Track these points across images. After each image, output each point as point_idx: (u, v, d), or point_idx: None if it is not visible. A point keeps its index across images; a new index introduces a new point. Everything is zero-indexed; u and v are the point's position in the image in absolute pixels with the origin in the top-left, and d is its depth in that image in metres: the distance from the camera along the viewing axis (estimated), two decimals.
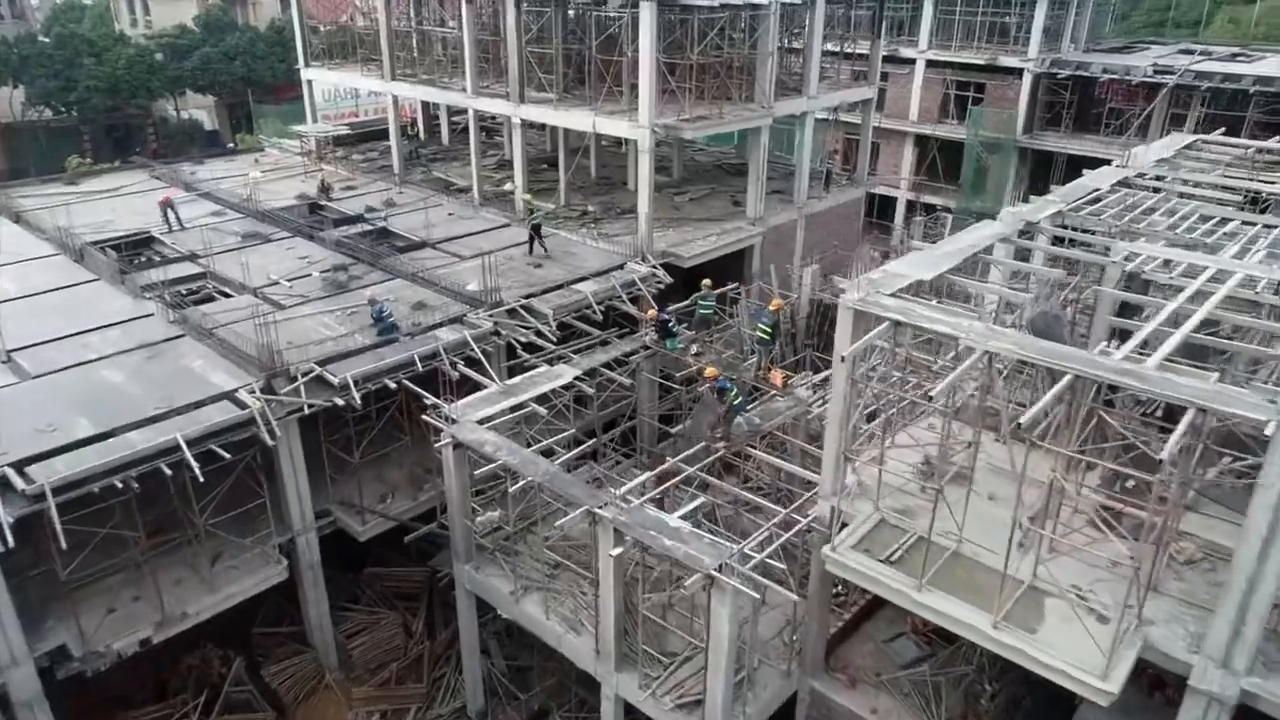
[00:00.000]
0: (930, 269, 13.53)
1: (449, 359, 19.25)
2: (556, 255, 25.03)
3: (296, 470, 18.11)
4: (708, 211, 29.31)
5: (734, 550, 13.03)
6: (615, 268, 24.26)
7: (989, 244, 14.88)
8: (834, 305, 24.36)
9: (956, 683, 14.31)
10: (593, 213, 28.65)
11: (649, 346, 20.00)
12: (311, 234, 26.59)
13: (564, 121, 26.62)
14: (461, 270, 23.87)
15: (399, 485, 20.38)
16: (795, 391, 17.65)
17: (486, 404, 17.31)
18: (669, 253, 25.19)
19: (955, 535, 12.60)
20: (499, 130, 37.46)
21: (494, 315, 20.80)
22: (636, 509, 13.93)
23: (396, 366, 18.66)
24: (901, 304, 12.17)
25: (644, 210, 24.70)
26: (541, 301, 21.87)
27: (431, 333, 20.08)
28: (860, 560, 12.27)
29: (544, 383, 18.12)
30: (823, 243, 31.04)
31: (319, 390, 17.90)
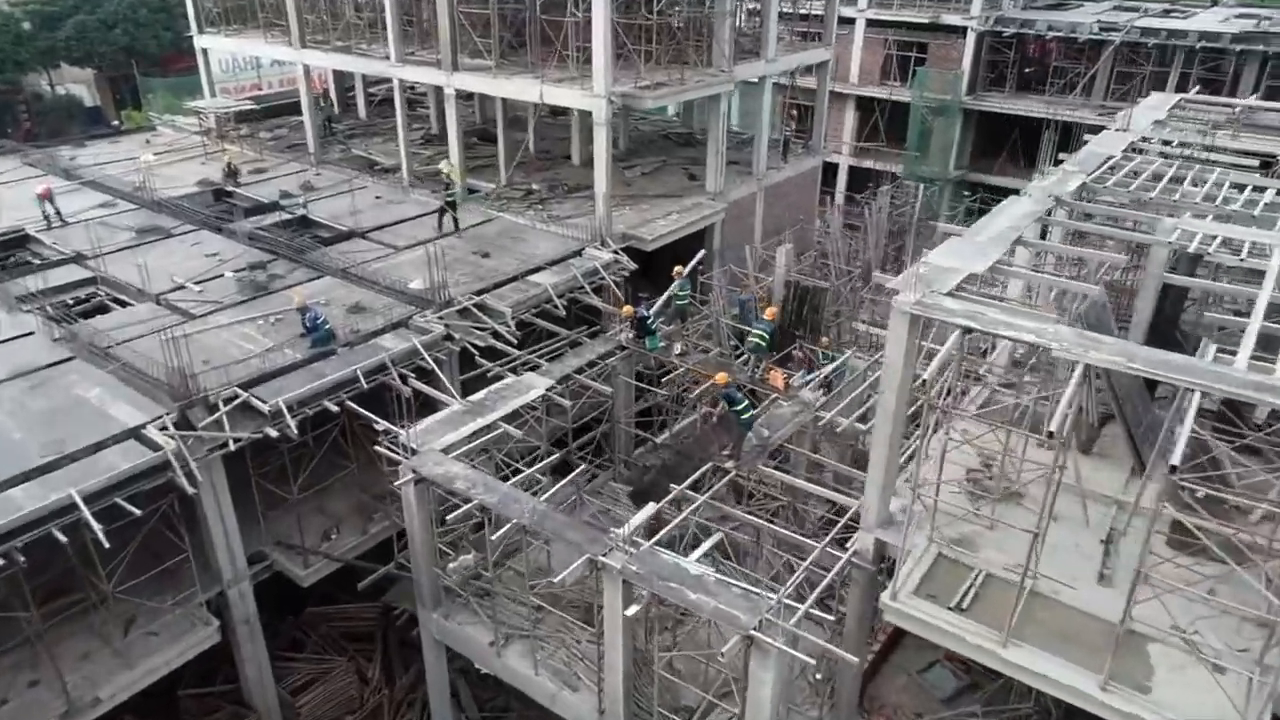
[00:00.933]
0: (979, 259, 11.64)
1: (397, 372, 16.64)
2: (504, 243, 22.45)
3: (224, 515, 15.32)
4: (662, 187, 27.02)
5: (772, 602, 11.03)
6: (572, 255, 21.83)
7: (1028, 225, 13.09)
8: (812, 288, 22.68)
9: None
10: (538, 192, 26.05)
11: (625, 346, 17.76)
12: (220, 226, 23.29)
13: (505, 91, 23.88)
14: (400, 264, 21.09)
15: (345, 517, 17.74)
16: (800, 394, 15.70)
17: (449, 427, 14.84)
18: (629, 235, 22.89)
19: (1021, 567, 10.87)
20: (422, 101, 34.26)
21: (444, 317, 18.20)
22: (648, 554, 11.79)
23: (337, 385, 15.96)
24: (968, 306, 10.25)
25: (601, 189, 22.29)
26: (496, 298, 19.34)
27: (374, 341, 17.39)
28: (926, 610, 10.42)
29: (513, 397, 15.72)
30: (782, 216, 29.22)
31: (245, 419, 15.11)
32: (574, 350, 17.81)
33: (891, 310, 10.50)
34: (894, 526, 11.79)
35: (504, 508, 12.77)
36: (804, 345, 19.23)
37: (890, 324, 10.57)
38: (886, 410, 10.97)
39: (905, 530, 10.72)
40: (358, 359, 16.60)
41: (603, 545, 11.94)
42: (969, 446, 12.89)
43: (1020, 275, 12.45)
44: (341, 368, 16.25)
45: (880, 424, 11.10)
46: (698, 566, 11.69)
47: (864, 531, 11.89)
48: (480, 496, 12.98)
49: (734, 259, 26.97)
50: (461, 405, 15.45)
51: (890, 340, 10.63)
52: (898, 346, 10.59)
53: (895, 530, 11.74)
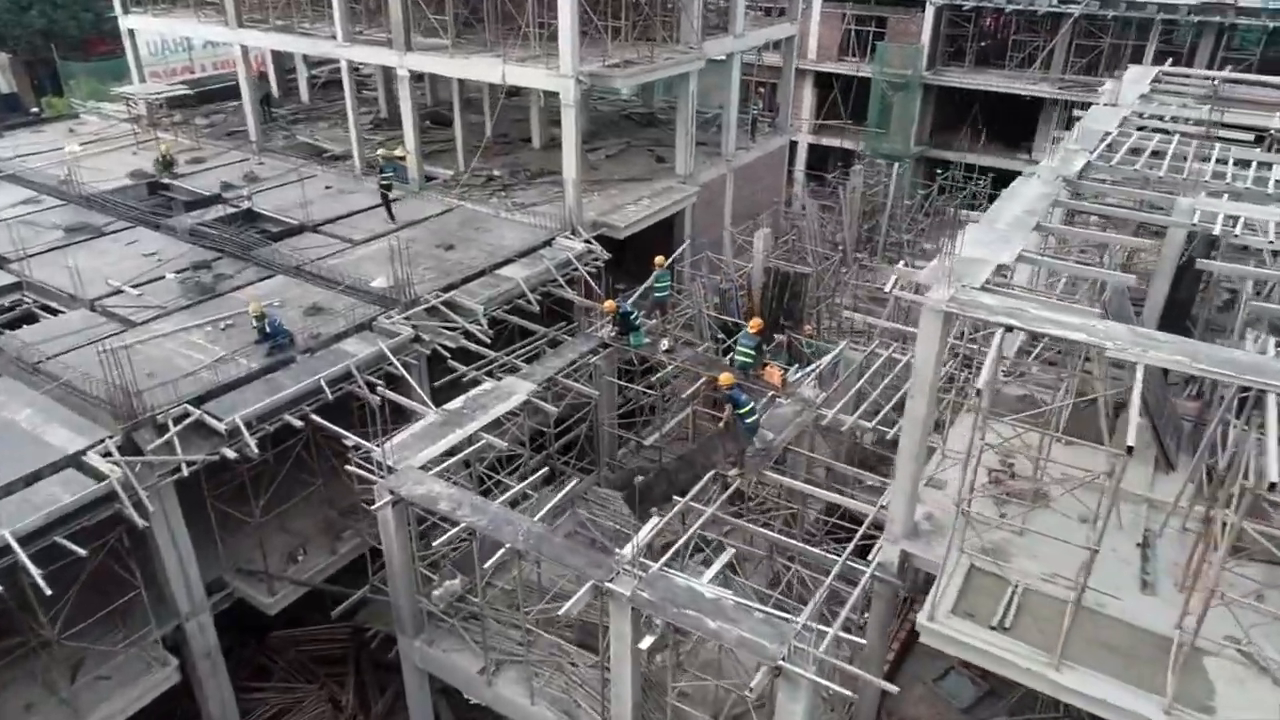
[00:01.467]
0: (1003, 248, 10.84)
1: (364, 379, 15.36)
2: (468, 234, 21.15)
3: (178, 544, 13.96)
4: (629, 170, 25.88)
5: (797, 626, 10.17)
6: (542, 245, 20.63)
7: (1044, 209, 12.34)
8: (793, 274, 21.85)
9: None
10: (500, 178, 24.71)
11: (607, 343, 16.68)
12: (157, 222, 21.56)
13: (464, 72, 22.43)
14: (358, 259, 19.68)
15: (311, 536, 16.44)
16: (800, 392, 14.82)
17: (426, 440, 13.65)
18: (600, 223, 21.75)
19: (1059, 577, 10.20)
20: (368, 83, 32.49)
21: (411, 317, 16.92)
22: (659, 577, 10.83)
23: (299, 397, 14.64)
24: (1007, 303, 9.42)
25: (571, 174, 21.08)
26: (465, 295, 18.09)
27: (336, 346, 16.05)
28: (968, 631, 9.65)
29: (493, 404, 14.56)
30: (751, 198, 28.32)
31: (199, 439, 13.74)
32: (554, 349, 16.66)
33: (923, 309, 9.63)
34: (921, 538, 11.03)
35: (495, 530, 11.68)
36: (790, 334, 18.38)
37: (921, 323, 9.70)
38: (916, 416, 10.14)
39: (948, 545, 9.90)
40: (320, 367, 15.27)
41: (608, 570, 10.93)
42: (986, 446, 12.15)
43: (1050, 265, 11.67)
44: (303, 378, 14.91)
45: (909, 430, 10.27)
46: (712, 589, 10.77)
47: (888, 543, 11.08)
48: (468, 519, 11.86)
49: (705, 244, 26.06)
50: (438, 415, 14.26)
51: (921, 341, 9.77)
52: (929, 347, 9.74)
53: (923, 542, 10.97)
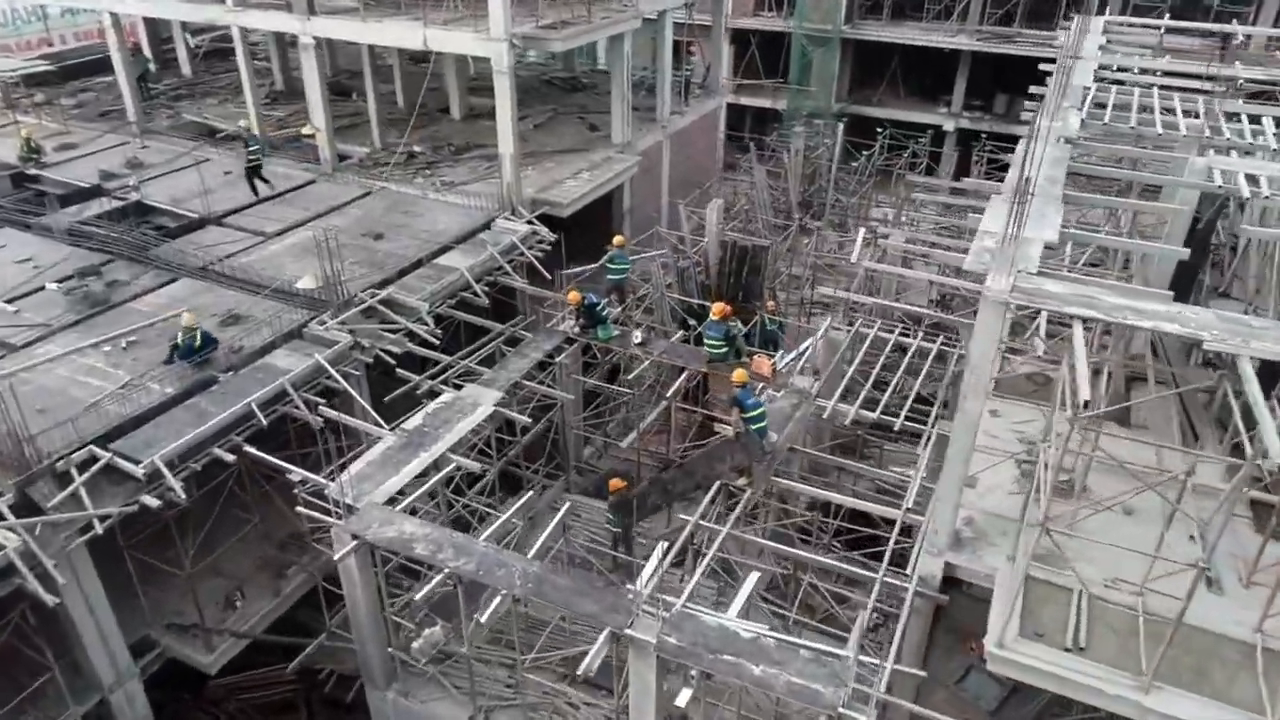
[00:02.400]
0: (1043, 225, 9.78)
1: (302, 398, 13.39)
2: (397, 220, 19.10)
3: (97, 612, 11.86)
4: (562, 140, 24.05)
5: (850, 662, 9.05)
6: (480, 228, 18.77)
7: (1063, 175, 11.35)
8: (751, 247, 20.57)
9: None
10: (422, 155, 22.54)
11: (572, 338, 15.10)
12: (27, 222, 18.69)
13: (378, 37, 20.13)
14: (274, 255, 17.45)
15: (249, 576, 14.46)
16: (793, 383, 13.63)
17: (387, 468, 11.90)
18: (541, 200, 19.98)
19: (1123, 581, 9.37)
20: (258, 52, 29.38)
21: (346, 321, 14.94)
22: (685, 617, 9.51)
23: (229, 425, 12.60)
24: (1078, 290, 8.34)
25: (508, 149, 19.21)
26: (403, 290, 16.15)
27: (264, 361, 13.99)
28: (1043, 656, 8.68)
29: (458, 419, 12.86)
30: (687, 165, 26.90)
31: (111, 486, 11.63)
32: (514, 349, 14.98)
33: (982, 301, 8.47)
34: (965, 547, 10.02)
35: (487, 575, 10.11)
36: (762, 313, 17.20)
37: (979, 317, 8.55)
38: (968, 418, 9.04)
39: (1018, 563, 8.85)
40: (248, 387, 13.23)
41: (625, 613, 9.55)
42: (1006, 433, 11.26)
43: (1103, 241, 10.70)
44: (230, 402, 12.86)
45: (961, 432, 9.17)
46: (745, 625, 9.54)
47: (930, 555, 10.04)
48: (451, 563, 10.25)
49: (644, 217, 24.58)
50: (396, 437, 12.47)
51: (978, 336, 8.63)
52: (986, 342, 8.61)
53: (969, 552, 9.97)
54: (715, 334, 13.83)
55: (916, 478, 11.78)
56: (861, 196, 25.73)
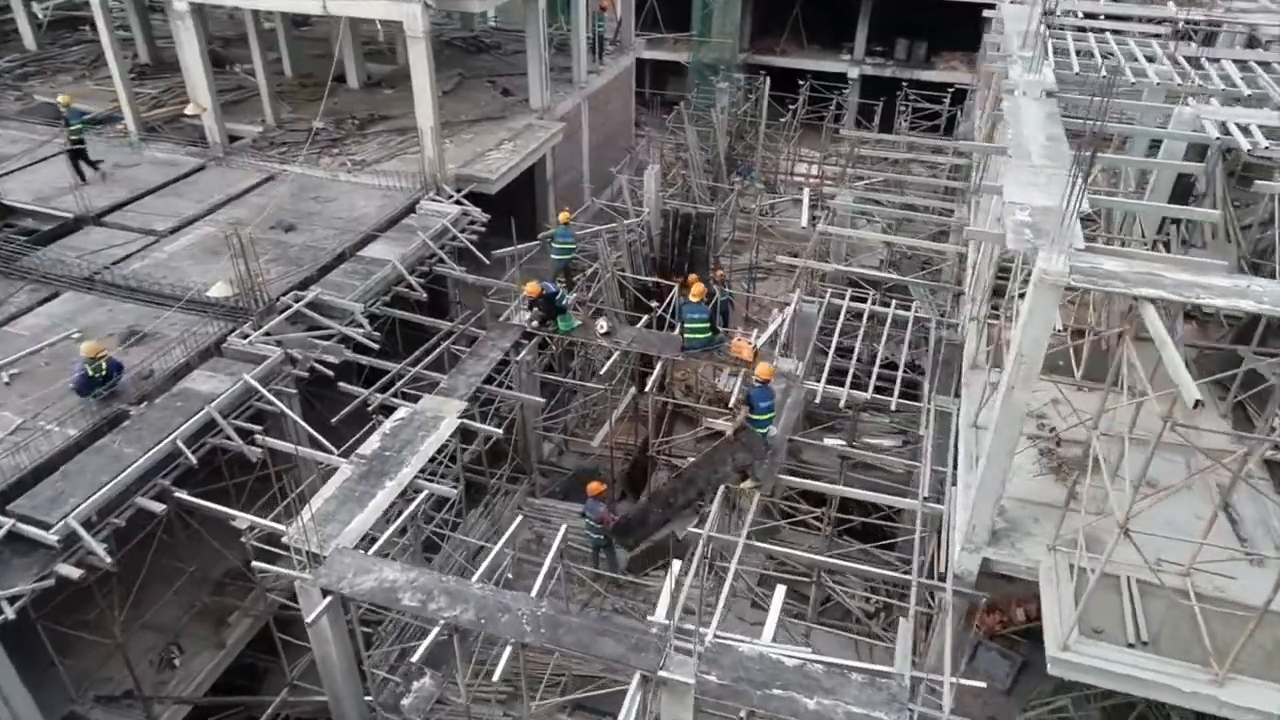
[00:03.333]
0: (1040, 189, 9.11)
1: (232, 426, 11.70)
2: (308, 207, 17.16)
3: (9, 699, 10.07)
4: (476, 108, 22.26)
5: (904, 681, 8.37)
6: (404, 212, 17.06)
7: (1060, 131, 10.74)
8: (694, 215, 19.53)
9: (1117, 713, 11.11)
10: (325, 131, 20.42)
11: (530, 333, 13.79)
12: None
13: (270, 2, 17.85)
14: (172, 257, 15.35)
15: (187, 629, 12.77)
16: (777, 365, 12.75)
17: (350, 505, 10.45)
18: (466, 177, 18.35)
19: (1167, 562, 8.98)
20: (115, 20, 26.08)
21: (271, 331, 13.19)
22: (722, 650, 8.61)
23: (152, 468, 10.84)
24: (1138, 269, 7.66)
25: (428, 122, 17.45)
26: (330, 289, 14.42)
27: (181, 386, 12.18)
28: (1109, 656, 8.17)
29: (421, 438, 11.47)
30: (606, 127, 25.50)
31: (17, 557, 9.80)
32: (470, 348, 13.55)
33: (1034, 284, 7.71)
34: (1001, 540, 9.43)
35: (491, 624, 8.92)
36: (721, 289, 16.27)
37: (1032, 300, 7.79)
38: (1015, 408, 8.35)
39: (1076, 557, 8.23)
40: (168, 420, 11.45)
41: (655, 651, 8.57)
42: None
43: (1130, 207, 10.10)
44: (149, 439, 11.09)
45: (1006, 423, 8.48)
46: (787, 650, 8.72)
47: (968, 551, 9.42)
48: (447, 614, 9.01)
49: (568, 187, 23.18)
50: (352, 465, 11.00)
51: (1030, 324, 7.88)
52: (1040, 329, 7.89)
53: (1008, 545, 9.39)
54: (697, 316, 12.81)
55: (926, 464, 11.16)
56: (789, 154, 24.99)
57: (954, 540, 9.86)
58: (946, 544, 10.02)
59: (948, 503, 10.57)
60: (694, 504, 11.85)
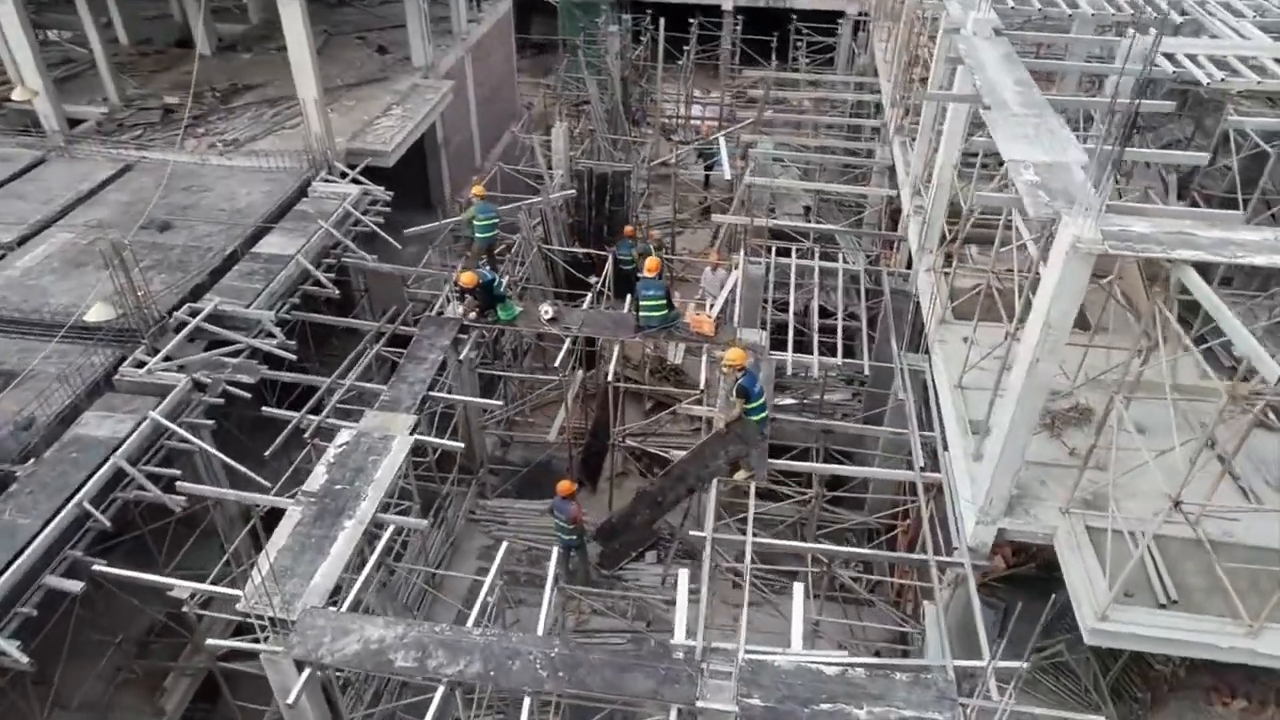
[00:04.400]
0: (1060, 144, 8.68)
1: (144, 474, 10.11)
2: (181, 200, 15.09)
3: None
4: (350, 69, 20.25)
5: (948, 673, 8.05)
6: (294, 197, 15.30)
7: (1026, 78, 10.31)
8: (610, 174, 18.39)
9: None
10: (182, 106, 18.01)
11: (468, 326, 12.56)
12: None
13: None
14: (28, 275, 13.18)
15: (117, 702, 11.23)
16: (740, 337, 12.07)
17: (307, 553, 9.18)
18: (359, 150, 16.64)
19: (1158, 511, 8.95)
20: None
21: (171, 354, 11.46)
22: (759, 667, 8.03)
23: (58, 540, 9.21)
24: (1167, 228, 7.29)
25: (310, 91, 15.57)
26: (227, 296, 12.69)
27: (73, 433, 10.42)
28: (1146, 620, 8.04)
29: (373, 464, 10.21)
30: (489, 83, 23.82)
31: None
32: (409, 351, 12.19)
33: (1063, 252, 7.23)
34: (1013, 508, 9.18)
35: (502, 675, 8.00)
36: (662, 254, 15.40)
37: (1058, 271, 7.33)
38: (1040, 380, 7.97)
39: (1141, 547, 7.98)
40: (66, 477, 9.76)
41: (689, 682, 7.91)
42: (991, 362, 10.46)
43: (1159, 158, 9.71)
44: (47, 503, 9.43)
45: (1029, 396, 8.10)
46: (824, 656, 8.23)
47: (984, 524, 9.13)
48: (449, 670, 8.03)
49: (460, 153, 21.61)
50: (301, 506, 9.67)
51: (1059, 294, 7.43)
52: (1070, 301, 7.46)
53: (1022, 514, 9.14)
54: (652, 292, 11.95)
55: (914, 432, 10.80)
56: (686, 98, 24.05)
57: (963, 511, 9.58)
58: (955, 515, 9.72)
59: (944, 471, 10.27)
60: (682, 501, 11.16)
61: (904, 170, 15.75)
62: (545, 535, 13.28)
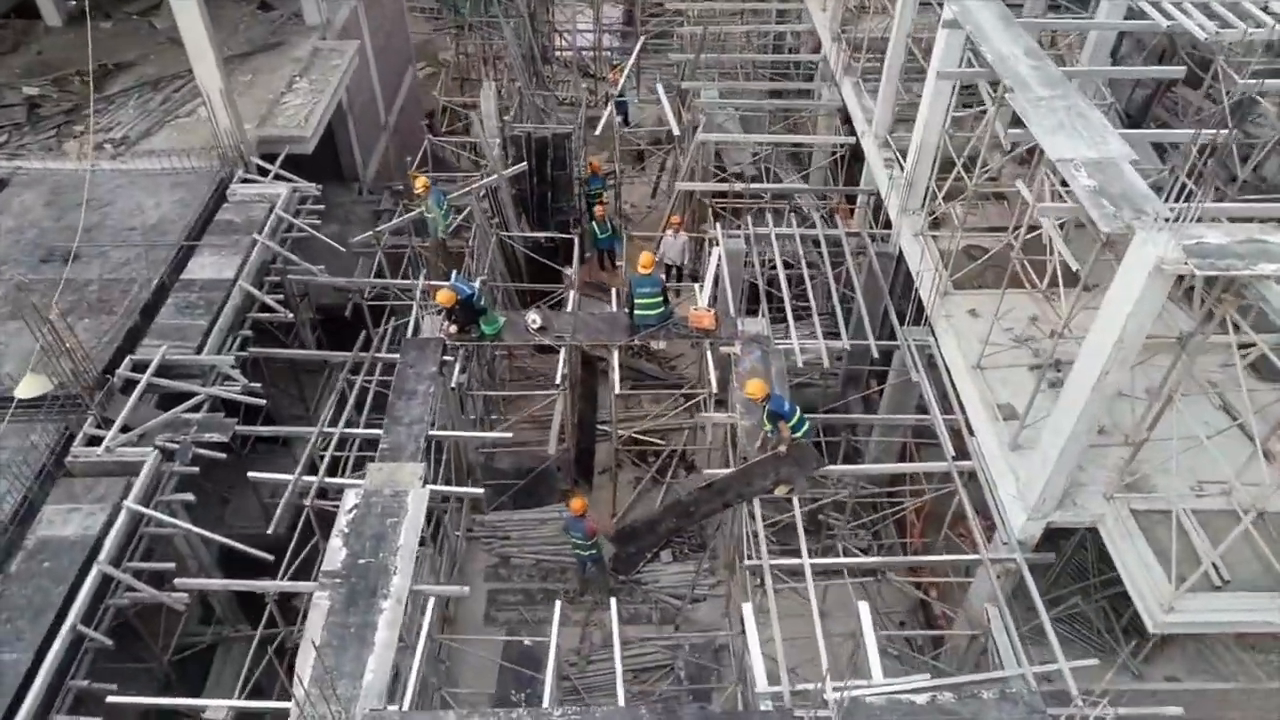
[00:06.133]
0: (1070, 133, 8.40)
1: (131, 571, 9.03)
2: (77, 220, 13.14)
3: None
4: (234, 35, 17.83)
5: (1030, 685, 8.19)
6: (214, 204, 13.62)
7: (1034, 46, 9.90)
8: (550, 137, 17.12)
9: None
10: (47, 99, 15.63)
11: (451, 345, 11.58)
12: None
13: None
14: None
15: None
16: (742, 329, 11.58)
17: (349, 646, 8.44)
18: (274, 139, 14.91)
19: (1206, 483, 9.28)
20: None
21: (130, 422, 10.11)
22: (858, 707, 7.94)
23: (59, 667, 8.15)
24: (1248, 240, 7.13)
25: (215, 82, 13.68)
26: (167, 339, 11.26)
27: (39, 537, 9.15)
28: (1205, 605, 8.32)
29: (389, 529, 9.40)
30: (386, 37, 21.72)
31: None
32: (394, 387, 11.15)
33: (1144, 272, 7.02)
34: (1063, 499, 9.26)
35: None
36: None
37: (1141, 291, 7.13)
38: (1106, 390, 7.89)
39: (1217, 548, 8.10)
40: (44, 595, 8.60)
41: None
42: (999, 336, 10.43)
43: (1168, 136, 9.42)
44: (31, 629, 8.32)
45: (1093, 402, 8.02)
46: (913, 683, 8.23)
47: (1034, 519, 9.20)
48: None
49: (368, 125, 19.74)
50: (326, 590, 8.84)
51: (1136, 311, 7.25)
52: (1143, 319, 7.31)
53: (1070, 505, 9.24)
54: (648, 290, 11.29)
55: (938, 418, 10.72)
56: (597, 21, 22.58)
57: (1004, 502, 9.62)
58: (995, 505, 9.75)
59: (975, 456, 10.27)
60: (716, 514, 10.83)
61: (861, 116, 15.27)
62: (551, 545, 12.85)
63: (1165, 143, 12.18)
